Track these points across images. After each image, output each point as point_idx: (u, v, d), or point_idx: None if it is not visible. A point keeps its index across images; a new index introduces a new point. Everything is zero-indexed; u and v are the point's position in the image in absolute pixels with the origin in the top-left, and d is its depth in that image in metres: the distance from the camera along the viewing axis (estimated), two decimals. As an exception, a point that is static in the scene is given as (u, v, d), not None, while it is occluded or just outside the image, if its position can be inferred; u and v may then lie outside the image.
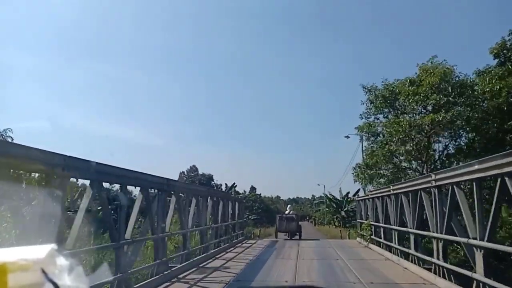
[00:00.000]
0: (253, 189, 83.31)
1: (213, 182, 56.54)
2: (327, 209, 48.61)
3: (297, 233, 19.93)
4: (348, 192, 46.90)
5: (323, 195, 49.00)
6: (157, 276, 7.33)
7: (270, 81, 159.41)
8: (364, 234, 14.30)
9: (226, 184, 51.67)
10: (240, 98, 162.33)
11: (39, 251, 0.72)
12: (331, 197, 48.44)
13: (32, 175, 8.49)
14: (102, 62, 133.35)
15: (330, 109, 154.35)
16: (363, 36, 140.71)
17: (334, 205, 47.71)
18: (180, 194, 9.43)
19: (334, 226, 46.36)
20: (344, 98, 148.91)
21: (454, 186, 6.33)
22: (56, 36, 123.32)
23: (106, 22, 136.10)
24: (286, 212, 22.01)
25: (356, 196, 47.10)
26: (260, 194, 73.13)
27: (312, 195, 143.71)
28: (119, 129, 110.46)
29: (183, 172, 57.58)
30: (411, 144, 15.90)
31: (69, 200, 13.82)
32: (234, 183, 48.00)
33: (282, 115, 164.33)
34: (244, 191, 66.31)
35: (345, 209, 46.24)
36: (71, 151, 4.73)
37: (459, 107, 15.30)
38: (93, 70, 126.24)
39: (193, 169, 63.77)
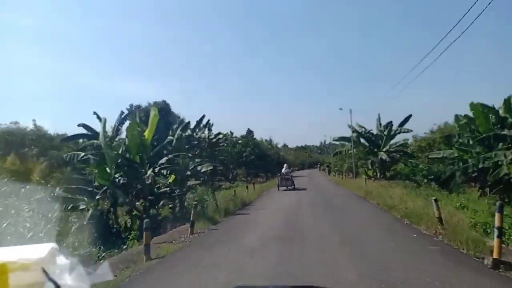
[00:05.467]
0: (249, 132, 65.22)
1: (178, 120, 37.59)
2: (355, 149, 29.82)
3: (292, 186, 25.13)
4: (391, 122, 27.86)
5: (349, 126, 29.55)
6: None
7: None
8: None
9: (197, 122, 32.55)
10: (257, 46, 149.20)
11: (40, 250, 0.72)
12: (360, 131, 29.44)
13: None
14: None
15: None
16: None
17: (367, 143, 28.99)
18: None
19: (365, 176, 28.15)
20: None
21: None
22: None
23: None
24: (283, 170, 27.63)
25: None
26: (253, 136, 54.64)
27: (320, 142, 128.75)
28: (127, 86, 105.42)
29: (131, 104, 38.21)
30: None
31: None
32: (204, 116, 29.16)
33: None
34: (231, 133, 47.74)
35: (385, 148, 27.44)
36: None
37: None
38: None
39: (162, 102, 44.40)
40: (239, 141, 46.73)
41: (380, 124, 28.33)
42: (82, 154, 13.22)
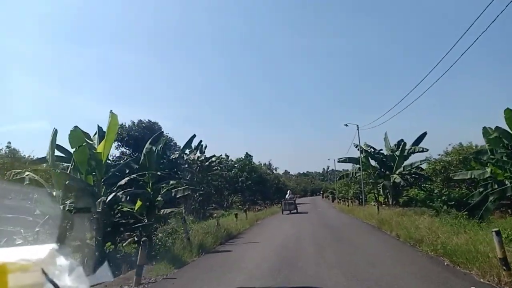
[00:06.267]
0: (248, 156, 62.22)
1: (167, 138, 34.57)
2: (363, 171, 26.55)
3: (295, 210, 27.39)
4: (403, 141, 24.87)
5: (355, 145, 26.39)
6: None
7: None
8: None
9: (187, 143, 29.45)
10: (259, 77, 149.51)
11: (40, 251, 0.72)
12: (369, 150, 26.38)
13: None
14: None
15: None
16: None
17: (378, 165, 25.88)
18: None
19: (374, 204, 24.82)
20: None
21: None
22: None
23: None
24: (287, 196, 30.40)
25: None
26: (251, 160, 51.50)
27: (323, 168, 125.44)
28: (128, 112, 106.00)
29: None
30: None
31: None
32: (194, 136, 26.14)
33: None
34: (226, 156, 44.72)
35: (399, 170, 24.32)
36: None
37: None
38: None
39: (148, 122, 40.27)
40: (235, 165, 43.65)
41: (390, 144, 25.28)
42: (17, 171, 10.26)
